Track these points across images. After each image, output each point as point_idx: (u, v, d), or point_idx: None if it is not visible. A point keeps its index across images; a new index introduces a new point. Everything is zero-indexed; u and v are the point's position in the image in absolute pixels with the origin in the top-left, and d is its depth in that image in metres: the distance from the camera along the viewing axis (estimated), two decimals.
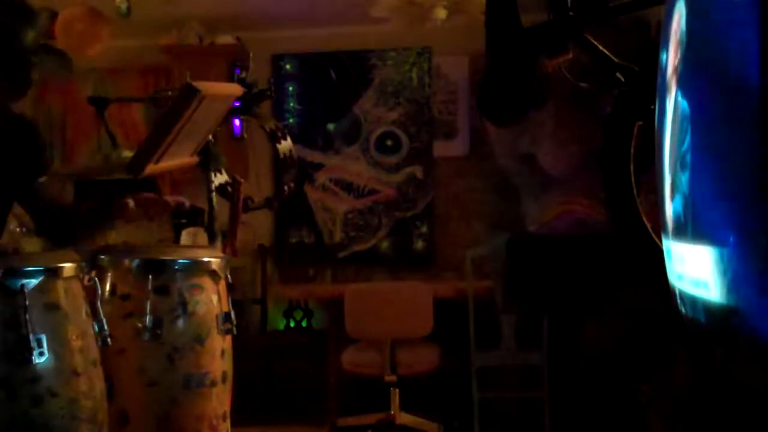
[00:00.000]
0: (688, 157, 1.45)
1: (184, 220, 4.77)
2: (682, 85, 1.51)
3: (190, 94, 2.38)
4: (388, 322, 4.64)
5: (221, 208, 3.30)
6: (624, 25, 4.26)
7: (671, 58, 1.60)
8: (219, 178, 2.97)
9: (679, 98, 1.51)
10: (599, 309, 4.55)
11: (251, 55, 3.16)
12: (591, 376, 4.85)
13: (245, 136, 3.07)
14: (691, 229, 1.46)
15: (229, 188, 2.96)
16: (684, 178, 1.48)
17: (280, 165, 3.19)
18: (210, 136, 2.88)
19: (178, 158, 2.81)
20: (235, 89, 2.89)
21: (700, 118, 1.40)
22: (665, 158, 1.66)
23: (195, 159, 2.91)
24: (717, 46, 1.31)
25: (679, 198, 1.54)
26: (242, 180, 2.96)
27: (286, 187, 3.12)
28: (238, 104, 2.95)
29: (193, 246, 2.70)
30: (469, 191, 5.78)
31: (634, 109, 2.58)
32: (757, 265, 1.19)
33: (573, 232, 5.26)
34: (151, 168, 2.55)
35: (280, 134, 3.07)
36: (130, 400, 2.28)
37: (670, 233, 1.64)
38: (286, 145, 3.08)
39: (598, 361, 4.86)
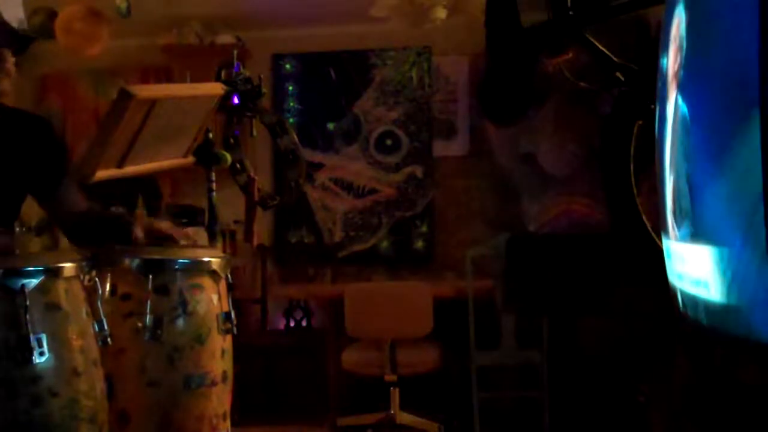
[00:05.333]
0: (689, 160, 1.45)
1: (184, 220, 4.78)
2: (682, 89, 1.51)
3: (124, 98, 2.37)
4: (388, 321, 4.64)
5: (232, 204, 3.31)
6: (624, 25, 4.26)
7: (671, 62, 1.60)
8: (242, 178, 2.97)
9: (680, 102, 1.51)
10: (599, 309, 4.55)
11: (235, 53, 3.16)
12: (590, 375, 4.85)
13: (255, 133, 3.05)
14: (691, 229, 1.46)
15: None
16: (684, 179, 1.49)
17: (281, 160, 3.17)
18: (210, 135, 2.88)
19: (162, 160, 2.80)
20: (215, 88, 2.87)
21: (701, 121, 1.40)
22: (666, 160, 1.66)
23: (190, 159, 2.90)
24: (717, 50, 1.31)
25: (679, 199, 1.55)
26: (256, 177, 2.95)
27: (292, 183, 3.10)
28: (237, 103, 2.94)
29: (193, 246, 2.68)
30: (469, 191, 5.78)
31: (634, 108, 2.58)
32: (757, 265, 1.20)
33: (573, 232, 5.27)
34: (114, 173, 2.54)
35: (279, 129, 3.05)
36: (131, 400, 2.28)
37: (671, 233, 1.64)
38: (287, 139, 3.06)
39: (597, 360, 4.86)
